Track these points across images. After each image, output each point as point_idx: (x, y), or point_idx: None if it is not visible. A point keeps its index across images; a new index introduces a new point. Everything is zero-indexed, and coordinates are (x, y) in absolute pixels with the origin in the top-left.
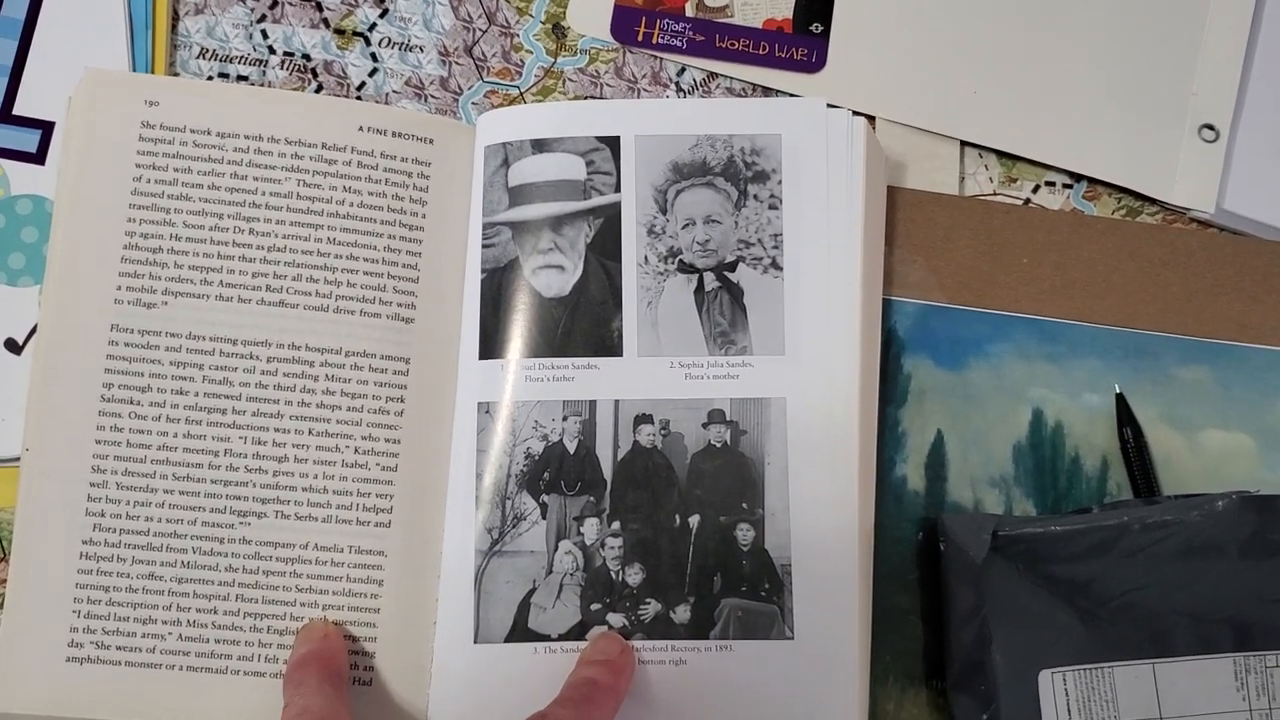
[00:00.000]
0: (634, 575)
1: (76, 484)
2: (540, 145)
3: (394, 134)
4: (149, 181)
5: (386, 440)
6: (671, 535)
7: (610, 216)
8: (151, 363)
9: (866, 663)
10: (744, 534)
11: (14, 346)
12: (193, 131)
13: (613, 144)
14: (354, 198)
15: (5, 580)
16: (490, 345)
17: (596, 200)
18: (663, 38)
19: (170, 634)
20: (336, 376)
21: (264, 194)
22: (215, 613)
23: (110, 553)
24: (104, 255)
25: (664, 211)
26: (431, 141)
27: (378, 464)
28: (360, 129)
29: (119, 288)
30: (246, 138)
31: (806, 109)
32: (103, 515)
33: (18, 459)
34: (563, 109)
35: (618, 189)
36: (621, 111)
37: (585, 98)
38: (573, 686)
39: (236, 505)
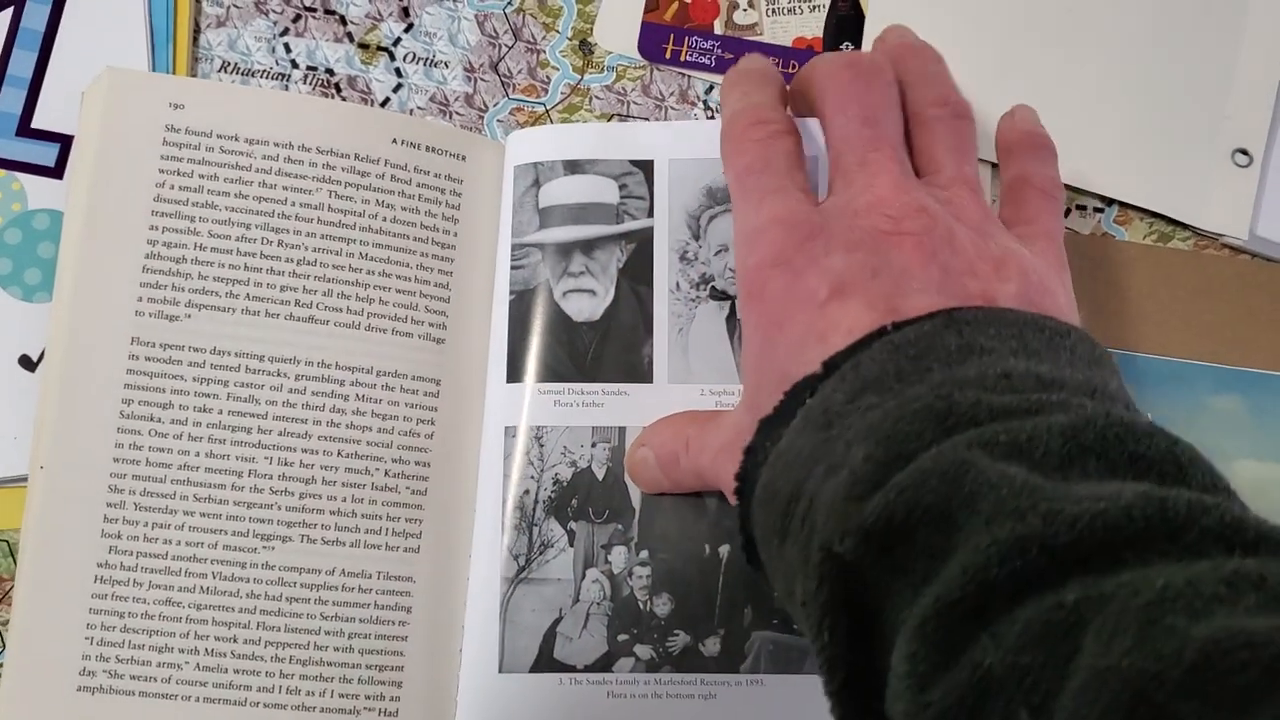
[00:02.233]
0: (662, 606)
1: (92, 504)
2: (573, 166)
3: (428, 148)
4: (173, 188)
5: (417, 464)
6: (700, 565)
7: (643, 241)
8: (174, 378)
9: None
10: None
11: (28, 364)
12: (220, 137)
13: (646, 167)
14: (387, 212)
15: (14, 604)
16: (518, 369)
17: (629, 225)
18: (691, 55)
19: (187, 663)
20: (367, 397)
21: (294, 204)
22: (235, 641)
23: (126, 576)
24: (124, 265)
25: (697, 237)
26: (464, 158)
27: (408, 487)
28: (394, 141)
29: (140, 299)
30: (276, 145)
31: None
32: (119, 537)
33: (25, 480)
34: (594, 130)
35: (650, 213)
36: (654, 134)
37: (612, 115)
38: None
39: (260, 529)
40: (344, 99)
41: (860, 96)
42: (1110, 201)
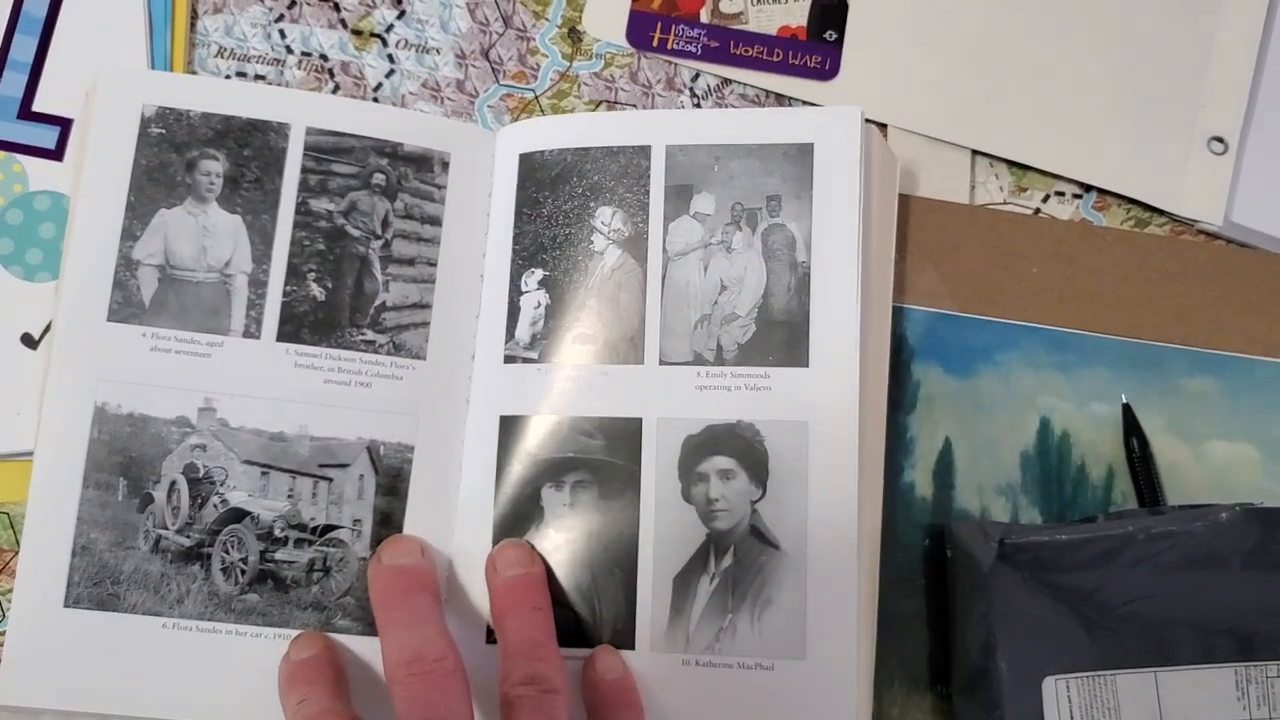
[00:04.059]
0: None
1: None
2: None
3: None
4: None
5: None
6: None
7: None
8: None
9: (871, 671)
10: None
11: (30, 341)
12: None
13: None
14: None
15: (17, 577)
16: None
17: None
18: (678, 43)
19: None
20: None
21: None
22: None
23: None
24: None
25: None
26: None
27: None
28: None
29: None
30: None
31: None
32: None
33: (31, 453)
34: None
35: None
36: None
37: (600, 102)
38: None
39: None
40: (337, 85)
41: (422, 697)
42: (1089, 188)
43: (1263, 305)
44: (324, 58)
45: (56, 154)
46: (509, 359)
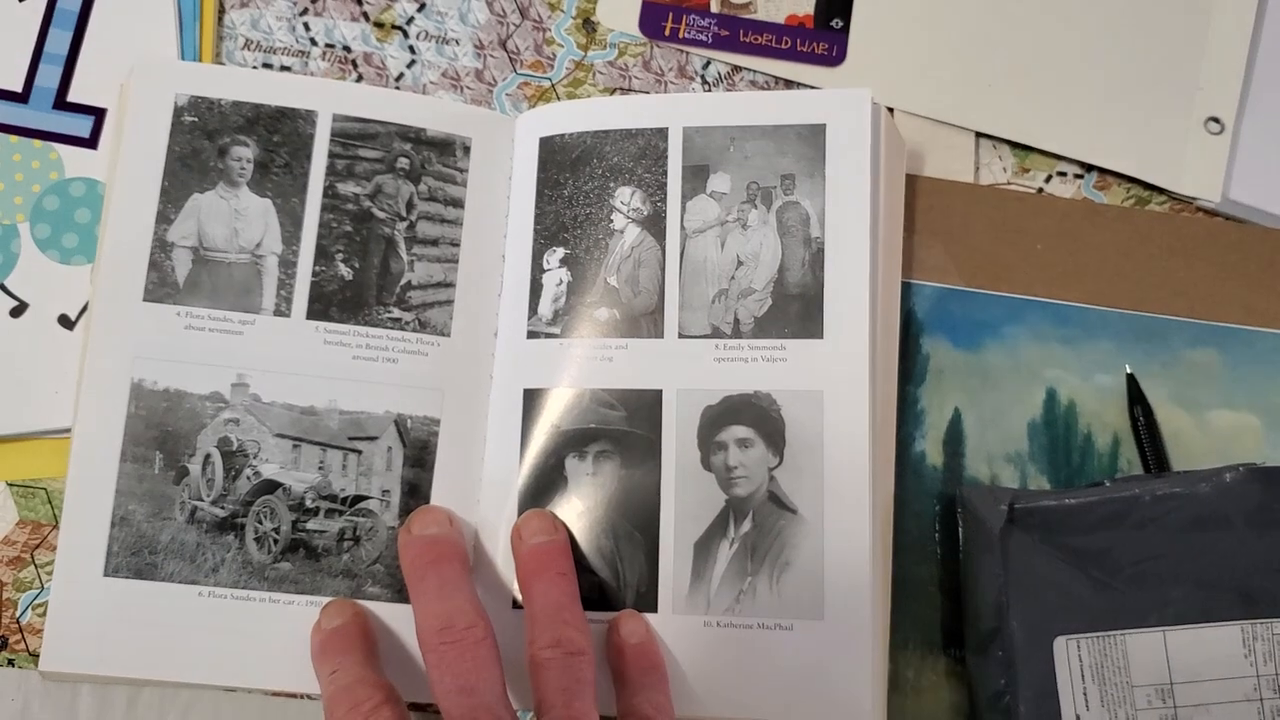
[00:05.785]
0: None
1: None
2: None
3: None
4: None
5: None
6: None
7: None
8: None
9: (887, 631)
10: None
11: (67, 322)
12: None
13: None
14: None
15: (56, 548)
16: None
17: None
18: (689, 32)
19: None
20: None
21: None
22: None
23: None
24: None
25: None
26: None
27: None
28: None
29: None
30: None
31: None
32: None
33: (69, 430)
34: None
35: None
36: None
37: (614, 89)
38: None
39: None
40: (360, 75)
41: (455, 664)
42: (1090, 168)
43: (1261, 278)
44: (347, 49)
45: (91, 142)
46: (531, 334)
